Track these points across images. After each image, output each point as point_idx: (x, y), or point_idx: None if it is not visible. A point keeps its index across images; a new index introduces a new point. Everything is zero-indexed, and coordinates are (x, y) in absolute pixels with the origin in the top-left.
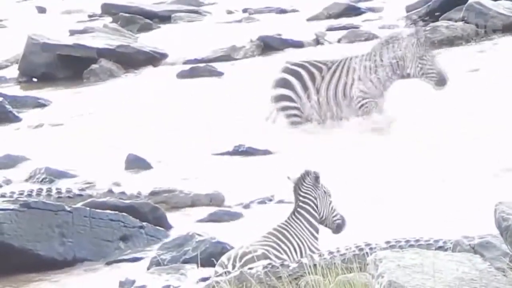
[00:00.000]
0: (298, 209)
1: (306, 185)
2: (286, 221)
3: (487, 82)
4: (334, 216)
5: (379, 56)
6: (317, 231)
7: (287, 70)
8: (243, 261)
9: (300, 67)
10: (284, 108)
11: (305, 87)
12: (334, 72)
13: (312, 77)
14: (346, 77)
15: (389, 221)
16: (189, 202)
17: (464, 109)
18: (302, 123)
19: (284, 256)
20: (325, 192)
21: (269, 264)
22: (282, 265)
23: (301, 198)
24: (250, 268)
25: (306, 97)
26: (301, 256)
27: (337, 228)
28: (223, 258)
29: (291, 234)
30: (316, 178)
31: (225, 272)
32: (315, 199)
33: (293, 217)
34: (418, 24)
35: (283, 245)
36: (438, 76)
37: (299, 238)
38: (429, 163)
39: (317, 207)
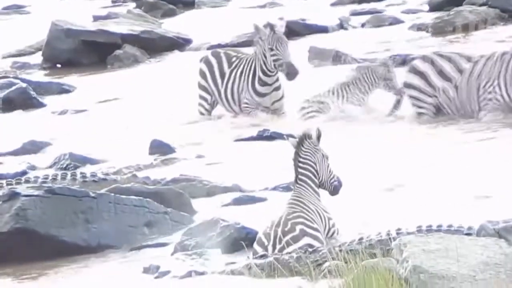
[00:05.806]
0: (300, 176)
1: (305, 150)
2: (296, 190)
3: None
4: (331, 179)
5: None
6: (319, 195)
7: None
8: (283, 242)
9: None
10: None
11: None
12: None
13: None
14: None
15: (413, 207)
16: (204, 193)
17: None
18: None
19: (315, 225)
20: (323, 155)
21: (303, 248)
22: (314, 251)
23: (301, 164)
24: (288, 252)
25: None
26: (322, 220)
27: (334, 190)
28: (262, 238)
29: (309, 201)
30: (319, 136)
31: (264, 255)
32: (315, 164)
33: (299, 184)
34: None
35: (310, 214)
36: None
37: (313, 204)
38: (453, 147)
39: (317, 172)
